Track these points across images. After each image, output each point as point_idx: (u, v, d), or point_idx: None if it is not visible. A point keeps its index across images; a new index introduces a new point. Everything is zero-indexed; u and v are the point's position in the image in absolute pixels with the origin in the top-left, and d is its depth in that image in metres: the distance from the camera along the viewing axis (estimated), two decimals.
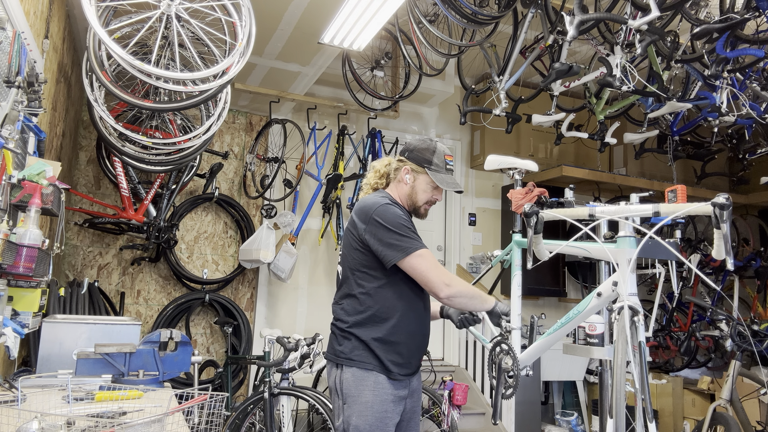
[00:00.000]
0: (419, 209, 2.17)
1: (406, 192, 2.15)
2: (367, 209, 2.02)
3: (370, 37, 3.67)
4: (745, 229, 6.23)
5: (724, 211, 1.60)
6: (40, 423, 1.34)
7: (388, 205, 2.02)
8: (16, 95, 1.96)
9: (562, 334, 2.18)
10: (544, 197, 2.37)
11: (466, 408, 4.56)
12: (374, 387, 1.94)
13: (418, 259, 1.94)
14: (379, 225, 1.97)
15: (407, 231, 1.97)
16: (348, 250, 2.08)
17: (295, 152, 5.01)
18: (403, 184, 2.16)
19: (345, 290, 2.07)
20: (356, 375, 1.95)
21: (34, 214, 1.90)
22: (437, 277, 1.94)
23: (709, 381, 5.12)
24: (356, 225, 2.04)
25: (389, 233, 1.95)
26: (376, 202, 2.03)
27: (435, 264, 1.96)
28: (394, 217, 1.98)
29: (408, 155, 2.16)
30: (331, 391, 2.05)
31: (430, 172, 2.11)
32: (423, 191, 2.14)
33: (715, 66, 3.56)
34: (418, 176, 2.13)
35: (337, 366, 2.01)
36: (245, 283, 5.01)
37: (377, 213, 1.99)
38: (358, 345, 1.97)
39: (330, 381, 2.05)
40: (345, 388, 1.96)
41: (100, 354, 2.24)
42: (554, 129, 4.72)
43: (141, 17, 2.63)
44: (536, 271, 2.74)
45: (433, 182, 2.12)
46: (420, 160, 2.13)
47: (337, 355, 2.01)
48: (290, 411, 3.39)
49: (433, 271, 1.94)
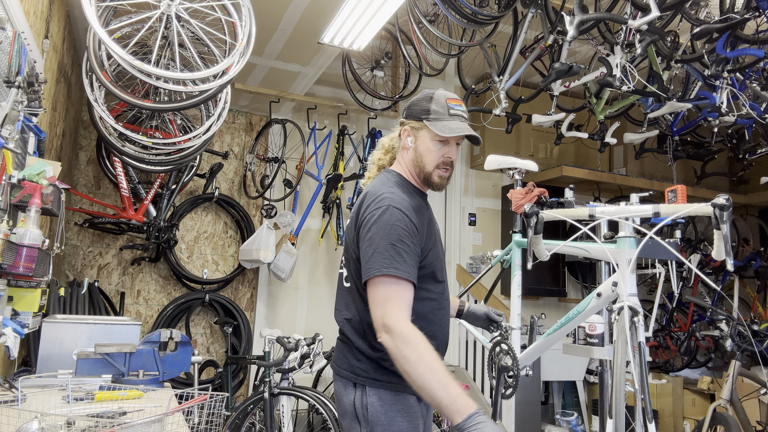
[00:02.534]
0: (431, 176, 1.75)
1: (411, 158, 1.77)
2: (368, 203, 1.67)
3: (370, 37, 3.67)
4: (745, 229, 6.22)
5: (724, 212, 1.60)
6: (40, 423, 1.34)
7: (393, 208, 1.62)
8: (16, 95, 1.96)
9: (562, 334, 2.18)
10: (544, 197, 2.37)
11: None
12: (407, 412, 1.63)
13: (372, 287, 1.56)
14: (368, 228, 1.61)
15: (389, 246, 1.56)
16: (348, 253, 1.74)
17: (295, 152, 5.01)
18: (405, 150, 1.79)
19: (351, 299, 1.72)
20: (384, 398, 1.62)
21: (34, 214, 1.90)
22: (377, 315, 1.53)
23: (709, 381, 5.12)
24: (354, 223, 1.71)
25: (370, 243, 1.58)
26: (380, 196, 1.65)
27: (386, 298, 1.53)
28: (388, 223, 1.59)
29: (406, 114, 1.79)
30: (345, 414, 1.67)
31: (429, 123, 1.70)
32: (428, 150, 1.72)
33: (715, 66, 3.56)
34: (419, 133, 1.74)
35: (355, 386, 1.65)
36: (245, 283, 5.01)
37: (374, 212, 1.62)
38: (379, 365, 1.63)
39: (345, 403, 1.67)
40: (371, 415, 1.60)
41: (100, 354, 2.24)
42: (554, 129, 4.72)
43: (141, 17, 2.63)
44: (536, 271, 2.74)
45: (436, 135, 1.70)
46: (417, 113, 1.74)
47: (356, 373, 1.66)
48: (290, 411, 3.39)
49: (376, 308, 1.54)
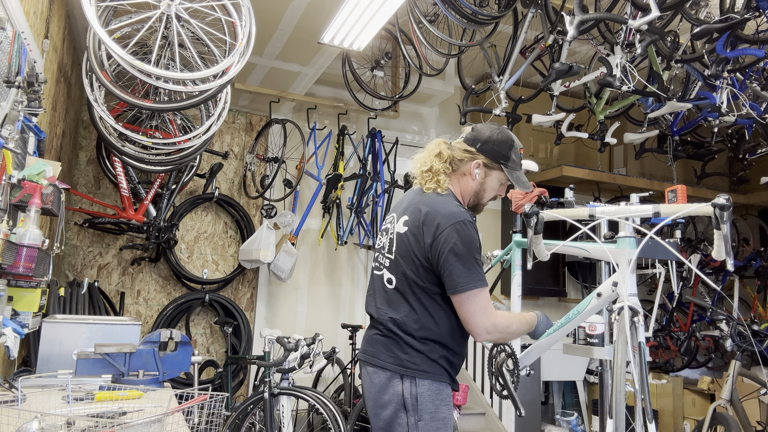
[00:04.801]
0: (481, 207, 1.94)
1: (473, 189, 1.90)
2: (441, 220, 1.76)
3: (370, 37, 3.67)
4: (745, 229, 6.23)
5: (725, 212, 1.61)
6: (40, 423, 1.34)
7: (467, 223, 1.76)
8: (16, 95, 1.96)
9: (562, 334, 2.18)
10: (544, 197, 2.37)
11: (466, 408, 4.57)
12: (448, 401, 1.81)
13: (469, 300, 1.73)
14: (451, 246, 1.72)
15: (474, 261, 1.73)
16: (406, 260, 1.82)
17: (295, 152, 5.01)
18: (469, 178, 1.89)
19: (398, 298, 1.84)
20: (432, 389, 1.77)
21: (34, 214, 1.90)
22: (481, 323, 1.74)
23: (709, 381, 5.12)
24: (423, 234, 1.79)
25: (458, 259, 1.72)
26: (454, 213, 1.77)
27: (484, 307, 1.74)
28: (469, 240, 1.74)
29: (481, 147, 1.87)
30: (389, 404, 1.79)
31: (507, 170, 1.87)
32: (492, 189, 1.91)
33: (715, 66, 3.56)
34: (491, 173, 1.88)
35: (402, 377, 1.78)
36: (245, 283, 5.01)
37: (455, 230, 1.73)
38: (428, 357, 1.79)
39: (390, 393, 1.79)
40: (421, 403, 1.75)
41: (100, 354, 2.24)
42: (554, 129, 4.72)
43: (141, 17, 2.63)
44: (536, 271, 2.74)
45: (506, 179, 1.89)
46: (496, 155, 1.86)
47: (404, 366, 1.78)
48: (290, 411, 3.39)
49: (479, 317, 1.74)
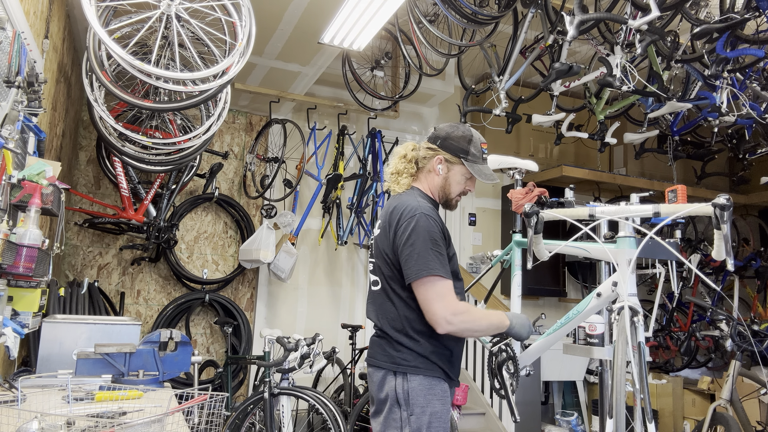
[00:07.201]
0: (451, 201, 2.01)
1: (439, 184, 1.98)
2: (401, 215, 1.84)
3: (370, 37, 3.67)
4: (745, 229, 6.23)
5: (725, 212, 1.61)
6: (40, 423, 1.34)
7: (424, 215, 1.82)
8: (16, 95, 1.96)
9: (562, 334, 2.18)
10: (544, 197, 2.37)
11: (466, 408, 4.57)
12: (441, 396, 1.83)
13: (425, 286, 1.76)
14: (407, 236, 1.79)
15: (429, 251, 1.77)
16: (381, 261, 1.91)
17: (295, 152, 5.01)
18: (434, 174, 1.98)
19: (383, 298, 1.90)
20: (423, 384, 1.81)
21: (34, 214, 1.90)
22: (438, 310, 1.74)
23: (709, 381, 5.12)
24: (388, 232, 1.88)
25: (413, 248, 1.77)
26: (413, 207, 1.84)
27: (440, 294, 1.76)
28: (425, 230, 1.79)
29: (441, 143, 1.96)
30: (386, 401, 1.85)
31: (468, 164, 1.94)
32: (457, 183, 1.97)
33: (715, 66, 3.56)
34: (453, 167, 1.96)
35: (395, 374, 1.84)
36: (245, 283, 5.01)
37: (412, 222, 1.81)
38: (418, 353, 1.83)
39: (386, 390, 1.85)
40: (412, 398, 1.80)
41: (100, 354, 2.24)
42: (554, 129, 4.72)
43: (141, 17, 2.63)
44: (536, 271, 2.74)
45: (469, 173, 1.96)
46: (455, 149, 1.94)
47: (396, 362, 1.84)
48: (290, 411, 3.38)
49: (435, 303, 1.75)
